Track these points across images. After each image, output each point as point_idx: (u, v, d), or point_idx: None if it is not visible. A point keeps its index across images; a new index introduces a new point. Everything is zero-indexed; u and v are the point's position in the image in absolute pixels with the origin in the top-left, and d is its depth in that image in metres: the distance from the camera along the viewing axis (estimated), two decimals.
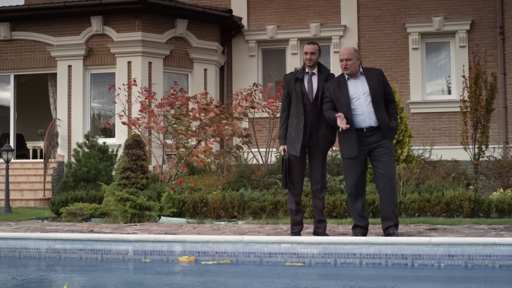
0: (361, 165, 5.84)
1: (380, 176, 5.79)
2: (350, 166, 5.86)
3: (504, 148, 13.64)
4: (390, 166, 5.78)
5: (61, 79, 14.05)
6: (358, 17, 15.02)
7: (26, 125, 16.97)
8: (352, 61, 5.80)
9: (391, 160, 5.79)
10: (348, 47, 5.94)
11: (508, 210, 7.67)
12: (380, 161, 5.76)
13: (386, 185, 5.76)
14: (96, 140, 11.90)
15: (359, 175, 5.85)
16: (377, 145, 5.78)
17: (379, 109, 5.76)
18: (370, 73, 5.90)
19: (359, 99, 5.78)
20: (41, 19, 14.18)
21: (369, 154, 5.85)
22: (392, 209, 5.78)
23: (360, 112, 5.77)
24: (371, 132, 5.78)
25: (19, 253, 5.81)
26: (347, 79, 5.87)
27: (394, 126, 5.82)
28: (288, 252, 5.16)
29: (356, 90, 5.82)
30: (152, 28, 13.88)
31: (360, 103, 5.77)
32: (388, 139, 5.80)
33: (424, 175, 9.58)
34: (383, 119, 5.76)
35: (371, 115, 5.76)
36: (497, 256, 4.78)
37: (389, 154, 5.79)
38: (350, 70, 5.82)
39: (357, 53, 5.86)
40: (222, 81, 15.48)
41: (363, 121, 5.77)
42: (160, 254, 5.45)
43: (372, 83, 5.80)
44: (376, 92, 5.78)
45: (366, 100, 5.77)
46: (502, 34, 14.23)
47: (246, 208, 8.23)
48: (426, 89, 14.74)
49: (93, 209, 8.47)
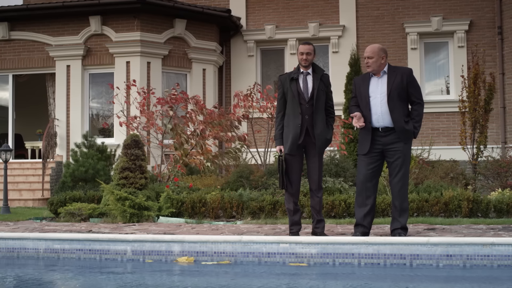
0: (372, 163, 5.80)
1: (391, 178, 5.82)
2: (361, 162, 5.87)
3: (502, 148, 13.66)
4: (401, 171, 5.74)
5: (59, 79, 14.04)
6: (356, 17, 15.03)
7: (24, 125, 16.96)
8: (375, 59, 5.77)
9: (403, 163, 5.73)
10: (372, 45, 5.89)
11: (506, 210, 7.68)
12: (392, 163, 5.76)
13: (395, 188, 5.76)
14: (94, 140, 11.89)
15: (370, 173, 5.80)
16: (391, 147, 5.74)
17: (395, 110, 5.70)
18: (395, 72, 5.83)
19: (376, 98, 5.78)
20: (39, 19, 14.17)
21: (384, 154, 5.82)
22: (401, 212, 5.75)
23: (374, 112, 5.77)
24: (386, 132, 5.75)
25: (18, 253, 5.81)
26: (371, 76, 5.89)
27: (411, 129, 5.73)
28: (286, 252, 5.16)
29: (375, 88, 5.81)
30: (150, 28, 13.88)
31: (375, 103, 5.77)
32: (403, 142, 5.74)
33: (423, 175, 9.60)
34: (398, 121, 5.70)
35: (385, 116, 5.73)
36: (496, 256, 4.79)
37: (403, 158, 5.72)
38: (373, 68, 5.81)
39: (381, 52, 5.80)
40: (221, 81, 15.48)
41: (377, 121, 5.76)
42: (158, 254, 5.45)
43: (391, 82, 5.75)
44: (394, 92, 5.72)
45: (381, 100, 5.75)
46: (500, 34, 14.25)
47: (244, 208, 8.23)
48: (424, 89, 14.74)
49: (92, 209, 8.46)
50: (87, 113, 14.11)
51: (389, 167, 5.82)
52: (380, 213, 7.68)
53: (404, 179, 5.77)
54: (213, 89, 14.74)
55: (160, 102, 11.42)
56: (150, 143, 12.21)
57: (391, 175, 5.81)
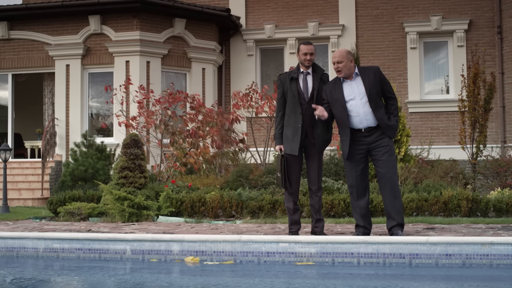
0: (359, 165, 5.80)
1: (380, 176, 5.76)
2: (348, 166, 5.87)
3: (502, 147, 13.66)
4: (390, 165, 5.72)
5: (59, 78, 14.04)
6: (356, 16, 15.02)
7: (24, 125, 16.95)
8: (344, 63, 5.74)
9: (391, 158, 5.73)
10: (340, 50, 5.89)
11: (505, 209, 7.68)
12: (380, 160, 5.72)
13: (386, 184, 5.72)
14: (94, 139, 11.89)
15: (359, 174, 5.80)
16: (376, 145, 5.74)
17: (377, 108, 5.71)
18: (366, 72, 5.83)
19: (355, 100, 5.74)
20: (39, 18, 14.17)
21: (370, 153, 5.81)
22: (394, 208, 5.72)
23: (356, 114, 5.73)
24: (370, 132, 5.75)
25: (17, 253, 5.81)
26: (342, 81, 5.84)
27: (394, 123, 5.75)
28: (286, 252, 5.16)
29: (351, 91, 5.77)
30: (150, 28, 13.87)
31: (356, 104, 5.73)
32: (388, 137, 5.75)
33: (422, 174, 9.59)
34: (382, 119, 5.71)
35: (368, 116, 5.72)
36: (495, 255, 4.79)
37: (389, 153, 5.73)
38: (344, 73, 5.78)
39: (349, 55, 5.78)
40: (220, 80, 15.47)
41: (360, 123, 5.74)
42: (158, 254, 5.45)
43: (367, 82, 5.75)
44: (373, 91, 5.73)
45: (361, 101, 5.73)
46: (500, 33, 14.25)
47: (244, 207, 8.23)
48: (424, 89, 14.76)
49: (91, 209, 8.46)
50: (86, 112, 14.11)
51: (377, 164, 5.76)
52: (380, 212, 7.68)
53: (394, 173, 5.78)
54: (213, 88, 14.74)
55: (159, 101, 11.42)
56: (150, 142, 12.20)
57: (380, 173, 5.75)
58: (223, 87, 15.49)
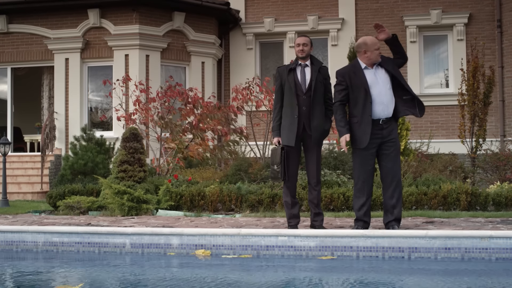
0: (372, 158, 5.75)
1: (386, 170, 5.75)
2: (362, 158, 5.74)
3: (501, 141, 13.66)
4: (398, 162, 5.74)
5: (58, 72, 14.02)
6: (356, 10, 14.99)
7: (23, 119, 16.92)
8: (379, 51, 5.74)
9: (398, 154, 5.75)
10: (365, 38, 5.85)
11: (505, 203, 7.69)
12: (390, 155, 5.70)
13: (393, 180, 5.72)
14: (93, 133, 11.88)
15: (370, 169, 5.76)
16: (389, 139, 5.70)
17: (397, 99, 5.69)
18: (385, 61, 5.79)
19: (379, 88, 5.66)
20: (38, 12, 14.13)
21: (379, 147, 5.74)
22: (397, 204, 5.74)
23: (379, 102, 5.65)
24: (386, 124, 5.70)
25: (17, 246, 5.81)
26: (363, 68, 5.76)
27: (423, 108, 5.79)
28: (285, 245, 5.16)
29: (374, 79, 5.70)
30: (149, 21, 13.84)
31: (380, 93, 5.65)
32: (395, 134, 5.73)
33: (422, 168, 9.60)
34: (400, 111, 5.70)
35: (390, 106, 5.67)
36: (494, 249, 4.80)
37: (398, 149, 5.74)
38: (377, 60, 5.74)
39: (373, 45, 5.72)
40: (220, 74, 15.46)
41: (382, 111, 5.65)
42: (157, 247, 5.46)
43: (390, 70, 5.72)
44: (395, 81, 5.71)
45: (386, 89, 5.67)
46: (500, 27, 14.22)
47: (243, 201, 8.23)
48: (423, 83, 14.74)
49: (91, 202, 8.47)
50: (86, 106, 14.10)
51: (385, 158, 5.73)
52: (379, 206, 7.68)
53: (399, 170, 5.79)
54: (212, 82, 14.72)
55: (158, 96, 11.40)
56: (149, 136, 12.19)
57: (386, 167, 5.73)
58: (223, 80, 15.47)
